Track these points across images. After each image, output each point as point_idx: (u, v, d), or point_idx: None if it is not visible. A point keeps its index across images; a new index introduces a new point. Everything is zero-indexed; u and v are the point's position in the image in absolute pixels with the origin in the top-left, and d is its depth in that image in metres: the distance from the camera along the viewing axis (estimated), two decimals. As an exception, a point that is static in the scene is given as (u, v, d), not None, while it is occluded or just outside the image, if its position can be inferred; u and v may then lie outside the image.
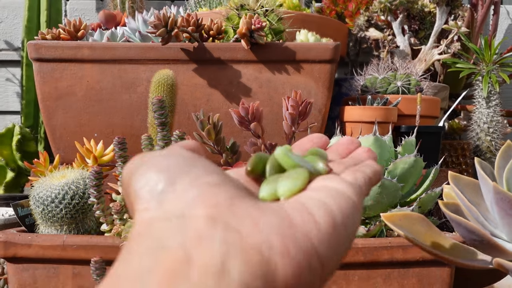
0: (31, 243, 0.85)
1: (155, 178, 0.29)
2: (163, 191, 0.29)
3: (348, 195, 0.32)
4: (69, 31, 1.22)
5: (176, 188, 0.28)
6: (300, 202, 0.31)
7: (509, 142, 0.55)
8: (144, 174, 0.30)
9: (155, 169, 0.30)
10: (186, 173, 0.29)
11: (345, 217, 0.31)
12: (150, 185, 0.29)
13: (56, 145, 1.22)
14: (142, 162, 0.31)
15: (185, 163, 0.30)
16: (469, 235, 0.51)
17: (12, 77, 2.01)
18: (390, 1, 1.57)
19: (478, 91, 1.48)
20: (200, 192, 0.28)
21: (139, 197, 0.29)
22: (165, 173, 0.29)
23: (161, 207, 0.28)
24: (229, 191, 0.29)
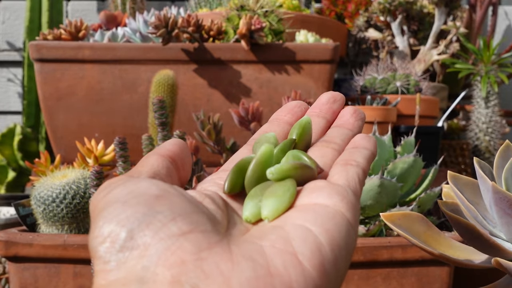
0: (32, 242, 0.86)
1: (114, 234, 0.25)
2: (122, 249, 0.25)
3: (341, 212, 0.29)
4: (70, 31, 1.23)
5: (137, 243, 0.25)
6: (283, 236, 0.27)
7: (507, 142, 0.56)
8: (102, 227, 0.26)
9: (115, 222, 0.26)
10: (149, 223, 0.25)
11: (337, 250, 0.27)
12: (108, 241, 0.25)
13: (57, 145, 1.22)
14: (104, 204, 0.27)
15: (148, 207, 0.26)
16: (468, 234, 0.51)
17: (13, 77, 2.02)
18: (389, 2, 1.58)
19: (477, 91, 1.49)
20: (164, 247, 0.25)
21: (97, 256, 0.26)
22: (124, 226, 0.25)
23: (120, 269, 0.25)
24: (198, 239, 0.25)
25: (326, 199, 0.30)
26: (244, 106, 1.02)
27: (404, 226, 0.55)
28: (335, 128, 0.39)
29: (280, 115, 0.41)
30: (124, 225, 0.25)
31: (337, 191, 0.30)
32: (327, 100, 0.41)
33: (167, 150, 0.33)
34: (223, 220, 0.29)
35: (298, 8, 1.53)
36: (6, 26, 2.05)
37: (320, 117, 0.40)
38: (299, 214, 0.29)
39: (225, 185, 0.32)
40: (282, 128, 0.39)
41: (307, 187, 0.31)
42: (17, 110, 2.01)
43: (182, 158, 0.34)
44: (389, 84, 1.38)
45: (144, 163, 0.32)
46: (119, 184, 0.28)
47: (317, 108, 0.41)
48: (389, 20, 1.63)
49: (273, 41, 1.24)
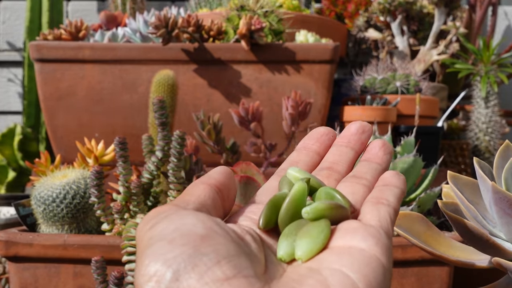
0: (32, 242, 0.86)
1: (159, 273, 0.26)
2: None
3: (376, 257, 0.29)
4: (70, 31, 1.23)
5: (183, 285, 0.25)
6: (322, 281, 0.27)
7: (507, 142, 0.56)
8: (148, 266, 0.27)
9: (161, 262, 0.26)
10: (194, 266, 0.26)
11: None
12: (154, 281, 0.26)
13: (57, 145, 1.22)
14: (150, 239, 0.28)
15: (194, 248, 0.27)
16: (468, 234, 0.51)
17: (13, 77, 2.02)
18: (389, 2, 1.58)
19: (477, 91, 1.49)
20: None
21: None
22: (170, 267, 0.26)
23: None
24: (241, 285, 0.26)
25: (361, 242, 0.30)
26: (244, 106, 1.02)
27: (404, 226, 0.55)
28: (365, 163, 0.39)
29: (308, 143, 0.41)
30: (170, 266, 0.26)
31: (370, 233, 0.30)
32: (356, 131, 0.41)
33: (214, 180, 0.33)
34: (261, 259, 0.29)
35: (298, 8, 1.53)
36: (7, 26, 2.05)
37: (349, 148, 0.40)
38: (335, 257, 0.29)
39: (260, 221, 0.32)
40: (310, 158, 0.40)
41: (341, 228, 0.31)
42: (18, 110, 2.01)
43: (228, 188, 0.34)
44: (389, 84, 1.38)
45: (191, 192, 0.32)
46: (165, 216, 0.29)
47: (345, 139, 0.41)
48: (389, 20, 1.63)
49: (273, 41, 1.24)
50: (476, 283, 0.57)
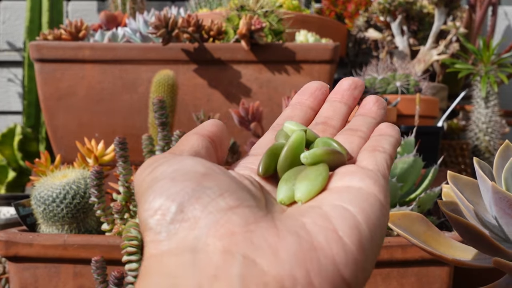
0: (32, 242, 0.86)
1: (164, 207, 0.27)
2: (173, 221, 0.26)
3: (374, 194, 0.30)
4: (70, 31, 1.23)
5: (187, 216, 0.26)
6: (322, 214, 0.28)
7: (507, 142, 0.56)
8: (152, 201, 0.27)
9: (164, 196, 0.27)
10: (198, 198, 0.27)
11: (373, 228, 0.28)
12: (159, 214, 0.27)
13: (57, 145, 1.22)
14: (151, 180, 0.28)
15: (196, 183, 0.27)
16: (468, 234, 0.51)
17: (14, 77, 2.02)
18: (389, 2, 1.58)
19: (477, 91, 1.49)
20: (213, 220, 0.26)
21: (147, 228, 0.27)
22: (175, 200, 0.27)
23: (171, 239, 0.26)
24: (244, 213, 0.26)
25: (359, 182, 0.31)
26: (244, 106, 1.02)
27: (404, 226, 0.55)
28: (359, 117, 0.39)
29: (302, 98, 0.41)
30: (174, 199, 0.27)
31: (368, 175, 0.31)
32: (348, 86, 0.41)
33: (207, 130, 0.34)
34: (262, 199, 0.30)
35: (298, 8, 1.53)
36: (7, 26, 2.05)
37: (342, 103, 0.40)
38: (334, 195, 0.30)
39: (259, 167, 0.33)
40: (305, 113, 0.40)
41: (339, 172, 0.32)
42: (18, 110, 2.01)
43: (220, 138, 0.35)
44: (389, 84, 1.38)
45: (184, 142, 0.33)
46: (164, 161, 0.29)
47: (339, 94, 0.41)
48: (389, 20, 1.63)
49: (273, 41, 1.24)
50: (476, 283, 0.57)
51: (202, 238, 0.25)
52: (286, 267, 0.25)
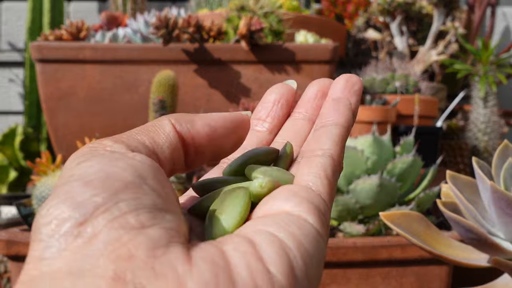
0: (34, 242, 0.86)
1: (63, 216, 0.22)
2: (66, 234, 0.21)
3: (301, 217, 0.25)
4: (71, 32, 1.23)
5: (86, 230, 0.21)
6: (245, 239, 0.23)
7: (506, 142, 0.56)
8: (52, 207, 0.22)
9: (68, 203, 0.22)
10: (106, 210, 0.22)
11: (306, 256, 0.24)
12: (54, 224, 0.22)
13: (58, 145, 1.23)
14: (67, 178, 0.24)
15: (112, 192, 0.22)
16: (467, 233, 0.52)
17: (15, 78, 2.02)
18: (388, 2, 1.59)
19: (476, 91, 1.49)
20: (114, 237, 0.21)
21: (37, 239, 0.22)
22: (77, 209, 0.22)
23: (57, 259, 0.21)
24: (156, 235, 0.22)
25: (283, 203, 0.26)
26: (244, 106, 1.03)
27: (403, 226, 0.55)
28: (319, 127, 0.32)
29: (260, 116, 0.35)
30: (76, 208, 0.22)
31: (294, 193, 0.26)
32: (314, 95, 0.35)
33: (194, 129, 0.28)
34: (186, 226, 0.25)
35: (298, 9, 1.53)
36: (8, 27, 2.05)
37: (306, 120, 0.35)
38: (257, 221, 0.25)
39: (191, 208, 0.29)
40: (260, 141, 0.34)
41: (269, 196, 0.27)
42: (19, 110, 2.01)
43: (211, 145, 0.29)
44: (388, 84, 1.39)
45: (149, 132, 0.27)
46: (96, 155, 0.24)
47: (302, 107, 0.35)
48: (388, 21, 1.64)
49: (273, 42, 1.24)
50: (475, 282, 0.57)
51: (93, 258, 0.21)
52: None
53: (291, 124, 0.35)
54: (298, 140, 0.33)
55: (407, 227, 0.55)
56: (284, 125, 0.35)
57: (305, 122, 0.34)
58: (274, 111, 0.35)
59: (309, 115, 0.34)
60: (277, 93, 0.35)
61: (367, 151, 0.92)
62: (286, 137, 0.34)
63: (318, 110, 0.34)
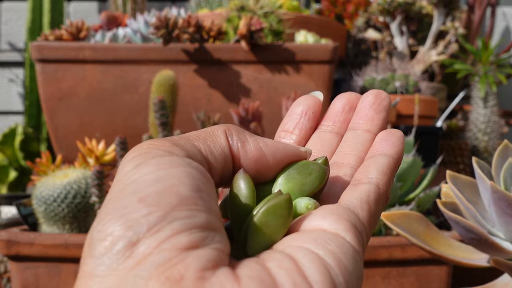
0: (34, 241, 0.86)
1: (117, 234, 0.22)
2: (118, 253, 0.22)
3: (339, 234, 0.25)
4: (71, 32, 1.23)
5: (138, 250, 0.22)
6: (289, 256, 0.24)
7: (506, 142, 0.56)
8: (107, 223, 0.23)
9: (123, 220, 0.22)
10: (159, 230, 0.22)
11: (347, 274, 0.24)
12: (108, 241, 0.22)
13: (58, 145, 1.23)
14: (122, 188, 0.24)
15: (166, 210, 0.23)
16: (467, 233, 0.52)
17: (15, 77, 2.02)
18: (388, 2, 1.59)
19: (476, 91, 1.49)
20: (164, 259, 0.21)
21: (89, 253, 0.22)
22: (131, 229, 0.22)
23: (107, 276, 0.21)
24: (206, 256, 0.22)
25: (320, 221, 0.26)
26: (244, 106, 1.03)
27: (404, 226, 0.55)
28: (350, 135, 0.34)
29: (287, 130, 0.35)
30: (130, 227, 0.22)
31: (331, 212, 0.27)
32: (342, 109, 0.35)
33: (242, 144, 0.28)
34: None
35: (298, 9, 1.53)
36: (8, 27, 2.05)
37: (333, 133, 0.35)
38: (294, 237, 0.26)
39: None
40: None
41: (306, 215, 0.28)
42: (19, 110, 2.01)
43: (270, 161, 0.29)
44: (388, 85, 1.39)
45: (206, 139, 0.28)
46: (154, 157, 0.25)
47: (330, 120, 0.35)
48: (388, 21, 1.64)
49: (273, 42, 1.24)
50: (475, 282, 0.57)
51: (143, 279, 0.21)
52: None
53: (319, 136, 0.35)
54: (326, 153, 0.33)
55: (407, 227, 0.55)
56: (312, 137, 0.35)
57: (332, 135, 0.34)
58: (301, 123, 0.34)
59: (337, 128, 0.35)
60: (304, 104, 0.35)
61: (367, 151, 0.92)
62: (314, 150, 0.33)
63: (345, 123, 0.34)
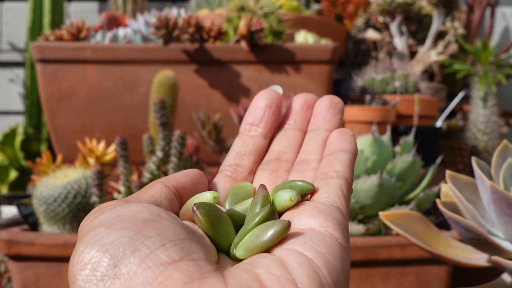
0: (34, 241, 0.86)
1: (95, 260, 0.23)
2: (103, 277, 0.22)
3: (329, 233, 0.26)
4: (71, 32, 1.23)
5: (121, 272, 0.22)
6: (277, 261, 0.24)
7: (505, 142, 0.56)
8: (82, 253, 0.23)
9: (97, 247, 0.23)
10: (135, 249, 0.23)
11: (335, 274, 0.25)
12: (88, 268, 0.23)
13: (58, 145, 1.23)
14: (88, 230, 0.25)
15: (135, 231, 0.24)
16: (467, 233, 0.52)
17: (16, 78, 2.02)
18: (388, 3, 1.59)
19: (475, 91, 1.49)
20: (151, 277, 0.22)
21: (75, 286, 0.23)
22: (107, 252, 0.23)
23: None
24: (188, 268, 0.23)
25: (310, 220, 0.27)
26: (244, 106, 1.03)
27: (403, 225, 0.55)
28: (312, 135, 0.36)
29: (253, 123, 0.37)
30: (106, 251, 0.23)
31: (319, 210, 0.28)
32: (300, 108, 0.38)
33: (175, 181, 0.31)
34: (213, 250, 0.27)
35: (297, 9, 1.53)
36: (9, 27, 2.05)
37: (296, 130, 0.37)
38: (286, 240, 0.26)
39: None
40: (257, 146, 0.36)
41: (289, 212, 0.29)
42: (20, 110, 2.02)
43: (190, 191, 0.31)
44: (388, 85, 1.39)
45: (145, 191, 0.29)
46: (109, 208, 0.26)
47: (291, 118, 0.38)
48: (388, 21, 1.64)
49: (273, 42, 1.24)
50: (475, 282, 0.58)
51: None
52: None
53: (283, 134, 0.37)
54: (292, 148, 0.36)
55: (407, 227, 0.55)
56: (277, 135, 0.37)
57: (295, 132, 0.37)
58: (266, 116, 0.37)
59: (299, 125, 0.37)
60: (267, 99, 0.37)
61: (367, 151, 0.92)
62: (281, 146, 0.36)
63: (305, 120, 0.37)
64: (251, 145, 0.36)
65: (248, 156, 0.36)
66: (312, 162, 0.34)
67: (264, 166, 0.36)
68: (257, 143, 0.36)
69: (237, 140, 0.37)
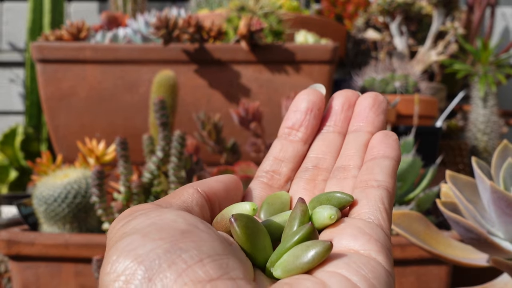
0: (34, 241, 0.86)
1: (129, 271, 0.22)
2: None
3: (372, 256, 0.25)
4: (71, 32, 1.23)
5: (156, 286, 0.21)
6: (319, 284, 0.23)
7: (505, 142, 0.56)
8: (115, 262, 0.22)
9: (131, 257, 0.22)
10: (171, 263, 0.22)
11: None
12: (122, 280, 0.22)
13: (58, 145, 1.23)
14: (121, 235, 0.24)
15: (171, 243, 0.22)
16: (467, 233, 0.52)
17: (16, 78, 2.02)
18: (388, 3, 1.59)
19: (475, 91, 1.49)
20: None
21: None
22: (142, 263, 0.22)
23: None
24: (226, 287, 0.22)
25: (351, 242, 0.26)
26: (244, 106, 1.03)
27: (403, 225, 0.55)
28: (352, 137, 0.34)
29: (292, 127, 0.35)
30: (141, 262, 0.22)
31: (360, 230, 0.26)
32: (340, 108, 0.35)
33: (207, 187, 0.29)
34: (250, 266, 0.25)
35: (297, 9, 1.53)
36: (9, 27, 2.05)
37: (336, 133, 0.35)
38: (327, 262, 0.25)
39: None
40: (296, 152, 0.35)
41: (328, 230, 0.28)
42: (20, 110, 2.02)
43: (223, 198, 0.30)
44: (388, 85, 1.39)
45: (176, 195, 0.28)
46: (142, 213, 0.25)
47: (331, 120, 0.35)
48: (388, 21, 1.64)
49: (273, 42, 1.24)
50: (475, 281, 0.58)
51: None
52: None
53: (322, 138, 0.35)
54: (331, 153, 0.34)
55: (407, 227, 0.55)
56: (316, 140, 0.35)
57: (335, 135, 0.35)
58: (307, 120, 0.35)
59: (339, 128, 0.35)
60: (309, 101, 0.35)
61: (367, 151, 0.92)
62: (319, 152, 0.34)
63: (346, 122, 0.35)
64: (290, 151, 0.35)
65: (286, 162, 0.34)
66: (352, 169, 0.32)
67: (301, 175, 0.34)
68: (296, 149, 0.35)
69: (275, 144, 0.35)
